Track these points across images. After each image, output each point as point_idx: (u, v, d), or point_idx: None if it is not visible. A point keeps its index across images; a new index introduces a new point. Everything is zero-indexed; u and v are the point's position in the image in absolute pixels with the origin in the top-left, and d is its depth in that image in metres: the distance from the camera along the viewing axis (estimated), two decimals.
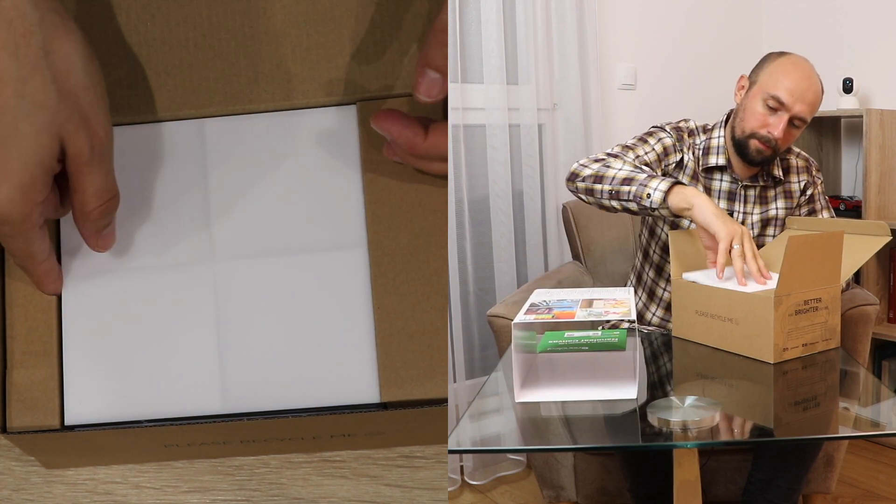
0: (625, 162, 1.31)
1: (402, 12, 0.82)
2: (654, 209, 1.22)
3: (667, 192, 1.21)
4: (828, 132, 2.34)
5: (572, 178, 1.34)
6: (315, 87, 0.82)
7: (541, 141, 2.02)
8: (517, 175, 1.98)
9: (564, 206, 1.89)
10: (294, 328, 0.79)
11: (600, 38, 2.09)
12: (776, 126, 1.33)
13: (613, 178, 1.27)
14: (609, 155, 1.36)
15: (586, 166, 1.32)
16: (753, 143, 1.35)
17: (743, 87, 1.40)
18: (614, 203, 1.28)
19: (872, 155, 2.07)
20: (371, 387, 0.80)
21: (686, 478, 0.98)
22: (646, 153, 1.39)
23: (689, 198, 1.19)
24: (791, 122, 1.33)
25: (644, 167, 1.32)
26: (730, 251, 1.14)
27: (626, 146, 1.40)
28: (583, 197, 1.33)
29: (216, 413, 0.79)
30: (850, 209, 2.20)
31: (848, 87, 2.20)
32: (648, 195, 1.22)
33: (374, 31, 0.82)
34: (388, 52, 0.82)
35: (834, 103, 2.22)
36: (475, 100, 1.89)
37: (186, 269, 0.80)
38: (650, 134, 1.44)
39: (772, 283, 1.11)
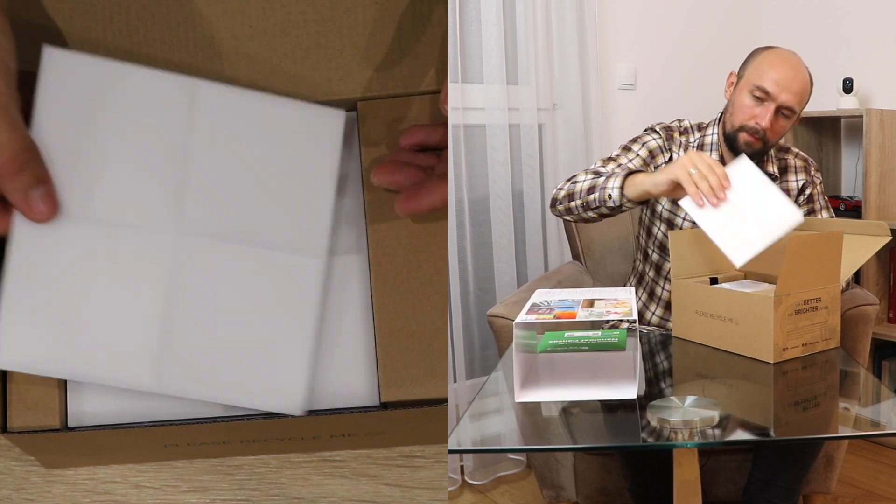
0: (587, 172, 1.35)
1: (402, 13, 0.82)
2: (619, 206, 1.24)
3: (621, 187, 1.23)
4: (828, 132, 2.34)
5: (553, 203, 1.38)
6: (315, 88, 0.82)
7: (541, 141, 2.02)
8: (517, 175, 1.98)
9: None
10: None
11: (600, 38, 2.09)
12: (763, 116, 1.34)
13: (580, 191, 1.31)
14: (593, 172, 1.38)
15: (561, 188, 1.36)
16: (742, 136, 1.37)
17: (732, 83, 1.42)
18: (590, 213, 1.31)
19: (872, 155, 2.07)
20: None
21: (686, 478, 0.98)
22: (629, 161, 1.41)
23: (639, 183, 1.20)
24: (779, 112, 1.35)
25: (605, 170, 1.35)
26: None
27: (609, 158, 1.44)
28: (567, 217, 1.37)
29: (145, 390, 0.76)
30: (850, 209, 2.19)
31: (848, 87, 2.19)
32: (609, 195, 1.24)
33: (375, 32, 0.82)
34: (389, 53, 0.82)
35: (834, 103, 2.22)
36: (475, 100, 1.89)
37: (146, 234, 0.76)
38: (635, 140, 1.46)
39: (733, 197, 1.10)
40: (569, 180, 1.36)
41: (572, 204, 1.32)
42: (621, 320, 0.98)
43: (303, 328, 0.78)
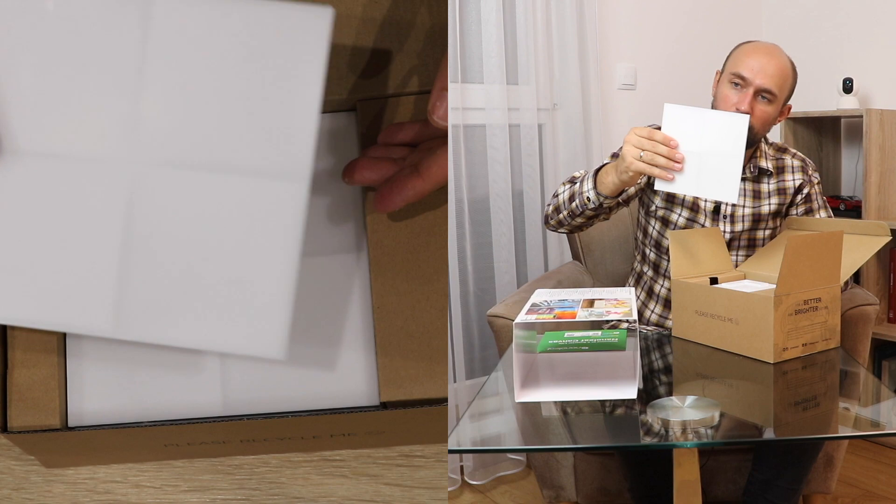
0: (565, 183, 1.38)
1: (400, 12, 0.82)
2: (600, 204, 1.28)
3: (595, 187, 1.26)
4: (828, 132, 2.34)
5: (545, 220, 1.43)
6: None
7: (541, 141, 2.02)
8: (517, 175, 1.98)
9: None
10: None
11: (600, 38, 2.09)
12: (742, 101, 1.36)
13: (564, 202, 1.35)
14: (565, 182, 1.42)
15: (549, 205, 1.41)
16: None
17: (717, 80, 1.45)
18: (580, 220, 1.34)
19: (872, 155, 2.07)
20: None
21: (686, 478, 0.98)
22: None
23: (608, 179, 1.24)
24: (759, 96, 1.37)
25: (579, 175, 1.39)
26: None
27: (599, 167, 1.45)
28: (562, 230, 1.41)
29: (109, 336, 0.70)
30: (850, 209, 2.19)
31: (848, 87, 2.20)
32: (588, 198, 1.28)
33: (374, 32, 0.82)
34: (389, 53, 0.82)
35: (834, 103, 2.22)
36: (475, 100, 1.89)
37: (99, 165, 0.70)
38: (622, 148, 1.47)
39: (686, 147, 1.13)
40: (553, 196, 1.40)
41: (561, 216, 1.37)
42: (621, 320, 0.99)
43: (282, 262, 0.70)
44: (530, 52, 1.95)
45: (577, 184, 1.31)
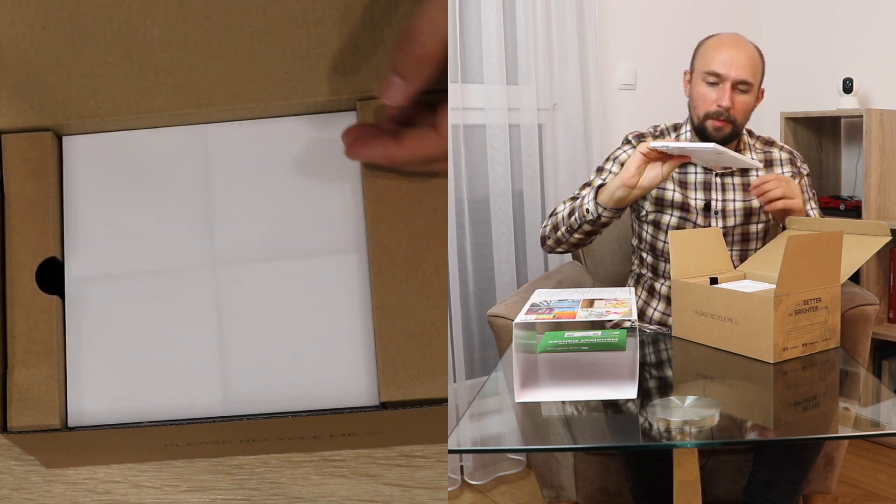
0: (564, 202, 1.42)
1: (397, 11, 0.82)
2: (600, 216, 1.30)
3: (595, 199, 1.30)
4: (828, 132, 2.34)
5: (542, 241, 1.46)
6: (315, 87, 0.82)
7: (541, 141, 2.02)
8: (517, 175, 1.98)
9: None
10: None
11: (600, 38, 2.09)
12: (722, 97, 1.38)
13: (563, 218, 1.38)
14: (565, 201, 1.45)
15: (545, 226, 1.43)
16: (710, 124, 1.42)
17: (688, 80, 1.46)
18: (577, 235, 1.37)
19: (872, 155, 2.07)
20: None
21: (686, 478, 0.98)
22: (603, 180, 1.45)
23: (612, 191, 1.27)
24: (736, 89, 1.38)
25: (579, 194, 1.42)
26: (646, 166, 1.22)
27: (585, 184, 1.49)
28: (559, 250, 1.44)
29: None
30: (850, 209, 2.19)
31: (848, 87, 2.20)
32: (588, 210, 1.31)
33: (374, 31, 0.82)
34: (386, 51, 0.82)
35: (834, 103, 2.22)
36: (475, 100, 1.89)
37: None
38: (607, 159, 1.53)
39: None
40: (550, 216, 1.43)
41: (559, 233, 1.39)
42: (621, 320, 0.99)
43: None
44: (530, 52, 1.95)
45: (578, 200, 1.35)
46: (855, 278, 2.03)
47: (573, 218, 1.34)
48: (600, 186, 1.30)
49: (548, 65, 2.00)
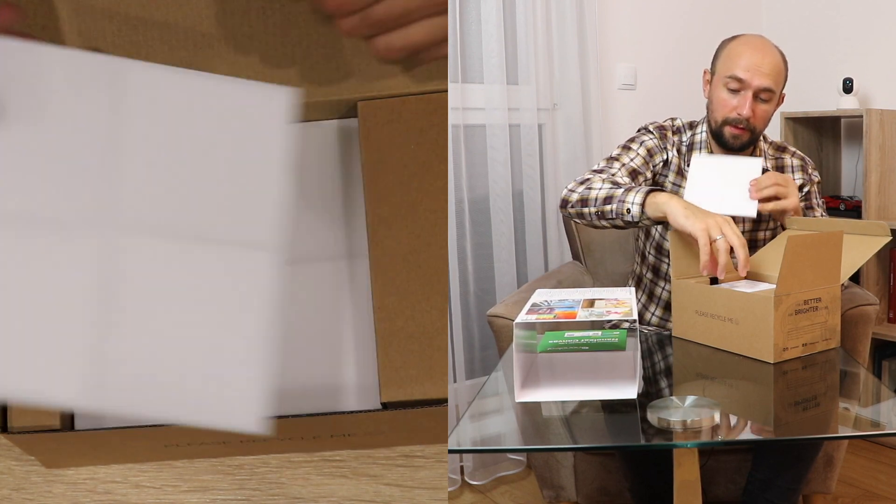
0: (604, 180, 1.32)
1: None
2: (637, 221, 1.24)
3: (643, 204, 1.22)
4: (828, 132, 2.34)
5: (563, 204, 1.36)
6: (315, 87, 0.82)
7: (541, 141, 2.02)
8: (517, 175, 1.98)
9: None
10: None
11: (600, 38, 2.09)
12: (742, 105, 1.35)
13: (596, 199, 1.29)
14: (594, 172, 1.37)
15: (573, 191, 1.33)
16: (728, 130, 1.38)
17: (707, 80, 1.44)
18: (603, 222, 1.30)
19: (872, 155, 2.07)
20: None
21: (686, 478, 0.98)
22: (631, 160, 1.40)
23: (661, 205, 1.19)
24: (757, 97, 1.35)
25: (623, 180, 1.34)
26: (713, 243, 1.13)
27: (611, 157, 1.43)
28: (577, 220, 1.35)
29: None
30: (850, 209, 2.19)
31: (848, 87, 2.20)
32: (628, 210, 1.23)
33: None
34: None
35: (834, 103, 2.22)
36: (475, 100, 1.89)
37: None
38: (633, 140, 1.46)
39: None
40: (582, 183, 1.33)
41: (585, 210, 1.30)
42: (621, 320, 0.99)
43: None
44: (530, 52, 1.95)
45: (622, 190, 1.26)
46: (855, 278, 2.03)
47: (609, 207, 1.25)
48: (652, 191, 1.22)
49: (548, 65, 2.00)
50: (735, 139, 1.37)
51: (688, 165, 1.45)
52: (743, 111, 1.34)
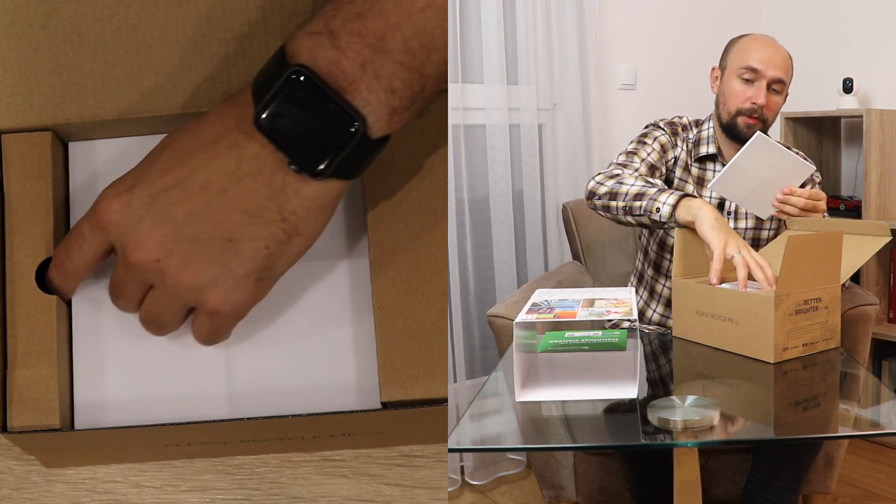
0: (636, 177, 1.32)
1: None
2: (663, 223, 1.23)
3: (674, 206, 1.21)
4: (828, 132, 2.34)
5: (590, 196, 1.35)
6: None
7: (541, 141, 2.02)
8: (517, 175, 1.98)
9: (564, 206, 1.89)
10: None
11: (600, 38, 2.09)
12: (758, 95, 1.37)
13: (626, 194, 1.28)
14: (621, 166, 1.37)
15: (601, 184, 1.33)
16: (741, 121, 1.39)
17: (717, 77, 1.46)
18: (629, 218, 1.29)
19: (872, 155, 2.07)
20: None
21: (686, 478, 0.98)
22: (648, 154, 1.41)
23: (694, 210, 1.19)
24: (770, 88, 1.38)
25: (654, 181, 1.33)
26: (726, 259, 1.13)
27: (630, 152, 1.42)
28: (601, 213, 1.35)
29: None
30: (850, 209, 2.20)
31: (848, 87, 2.20)
32: (658, 209, 1.23)
33: None
34: None
35: (834, 103, 2.22)
36: (475, 100, 1.89)
37: None
38: (646, 135, 1.46)
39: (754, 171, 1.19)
40: (612, 177, 1.33)
41: (613, 203, 1.30)
42: (621, 320, 0.99)
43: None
44: (530, 52, 1.95)
45: (654, 189, 1.26)
46: (855, 278, 2.03)
47: (639, 204, 1.26)
48: (686, 196, 1.23)
49: (548, 65, 2.00)
50: (749, 129, 1.38)
51: (693, 162, 1.45)
52: (759, 100, 1.37)
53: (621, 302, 1.03)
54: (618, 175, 1.33)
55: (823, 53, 2.37)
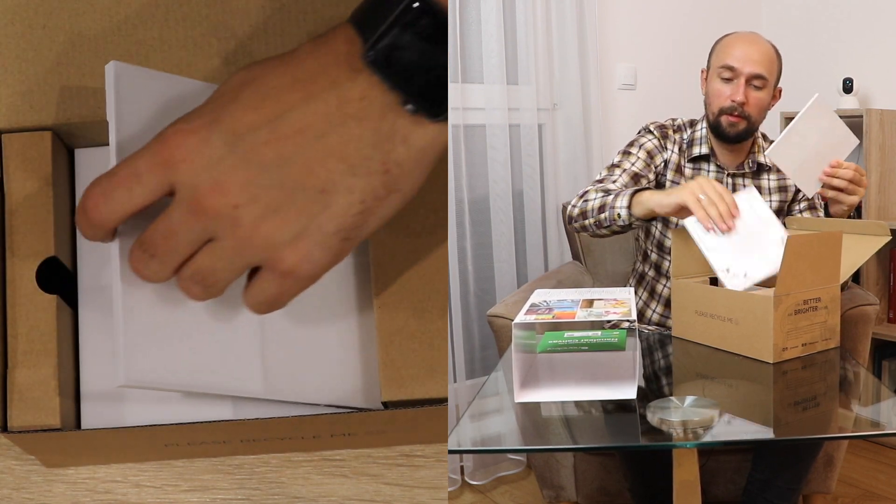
0: (598, 190, 1.35)
1: None
2: (629, 224, 1.26)
3: (629, 206, 1.24)
4: None
5: (568, 220, 1.40)
6: None
7: (541, 141, 2.02)
8: (517, 175, 1.98)
9: (564, 206, 1.89)
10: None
11: (600, 38, 2.09)
12: (736, 92, 1.38)
13: (592, 210, 1.32)
14: (595, 182, 1.41)
15: (574, 206, 1.38)
16: (724, 119, 1.40)
17: (704, 78, 1.47)
18: (603, 231, 1.33)
19: (872, 155, 2.07)
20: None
21: (686, 478, 0.98)
22: (632, 164, 1.43)
23: (645, 202, 1.22)
24: (750, 84, 1.38)
25: (618, 186, 1.37)
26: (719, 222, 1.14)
27: (612, 165, 1.46)
28: (584, 234, 1.41)
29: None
30: None
31: (848, 87, 2.20)
32: (619, 214, 1.26)
33: None
34: None
35: (834, 103, 2.22)
36: (475, 100, 1.89)
37: None
38: (632, 144, 1.49)
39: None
40: (581, 197, 1.37)
41: (586, 222, 1.34)
42: (621, 320, 0.99)
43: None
44: (530, 52, 1.95)
45: (612, 196, 1.29)
46: (855, 278, 2.03)
47: (603, 216, 1.30)
48: (636, 192, 1.25)
49: (548, 65, 2.00)
50: (731, 127, 1.39)
51: (687, 163, 1.46)
52: (737, 97, 1.37)
53: (620, 302, 1.03)
54: (585, 192, 1.37)
55: (823, 53, 2.37)
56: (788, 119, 2.22)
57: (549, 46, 1.99)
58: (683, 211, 1.15)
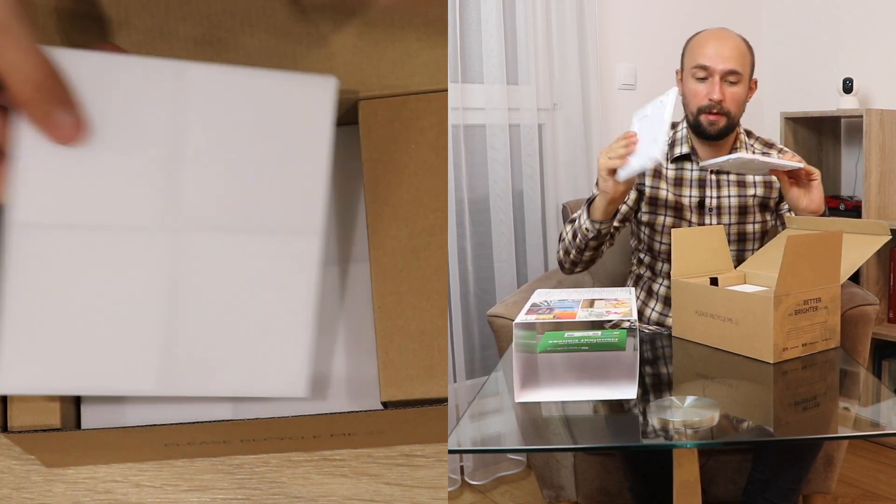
0: (567, 223, 1.41)
1: (404, 14, 0.82)
2: (600, 231, 1.31)
3: (589, 216, 1.29)
4: (828, 132, 2.34)
5: (560, 266, 1.45)
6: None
7: (541, 141, 2.02)
8: (517, 175, 1.98)
9: (564, 206, 1.89)
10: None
11: (600, 38, 2.09)
12: (712, 90, 1.38)
13: (570, 242, 1.38)
14: (568, 223, 1.43)
15: (558, 251, 1.44)
16: (703, 118, 1.42)
17: (679, 79, 1.47)
18: (588, 253, 1.37)
19: (872, 155, 2.07)
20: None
21: (686, 478, 0.98)
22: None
23: (597, 202, 1.26)
24: (725, 81, 1.39)
25: (576, 215, 1.40)
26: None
27: (588, 199, 1.47)
28: (579, 269, 1.43)
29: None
30: (850, 209, 2.20)
31: (848, 87, 2.20)
32: (587, 229, 1.31)
33: (377, 30, 0.82)
34: (391, 52, 0.82)
35: (834, 103, 2.22)
36: (475, 100, 1.89)
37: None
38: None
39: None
40: (560, 241, 1.43)
41: (571, 255, 1.39)
42: (621, 320, 0.99)
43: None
44: (530, 52, 1.95)
45: (576, 221, 1.35)
46: (855, 278, 2.03)
47: (578, 239, 1.34)
48: (590, 202, 1.30)
49: (548, 65, 2.00)
50: (712, 125, 1.40)
51: (670, 163, 1.47)
52: (714, 95, 1.38)
53: (621, 302, 1.03)
54: (560, 235, 1.43)
55: (823, 53, 2.37)
56: (789, 119, 2.23)
57: (549, 46, 1.99)
58: (612, 173, 1.19)
